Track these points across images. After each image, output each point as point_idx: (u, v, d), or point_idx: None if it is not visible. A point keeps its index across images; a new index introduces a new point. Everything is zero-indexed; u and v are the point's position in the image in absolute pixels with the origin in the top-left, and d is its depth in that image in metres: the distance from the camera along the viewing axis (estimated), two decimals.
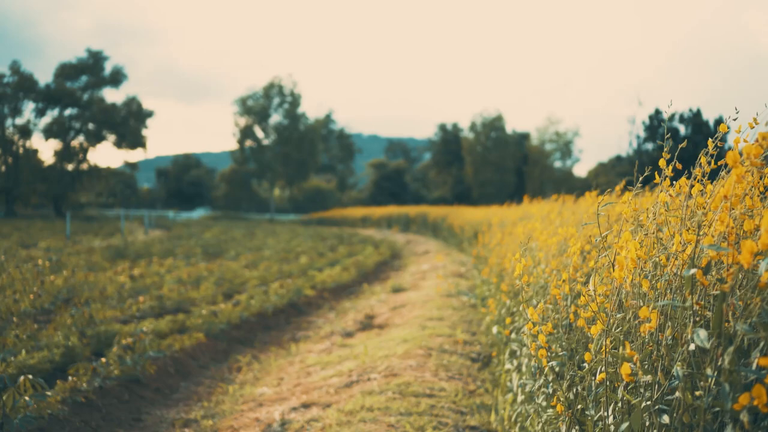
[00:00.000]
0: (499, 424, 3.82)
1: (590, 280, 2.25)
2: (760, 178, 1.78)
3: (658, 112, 39.15)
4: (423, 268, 12.94)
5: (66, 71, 43.80)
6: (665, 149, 2.10)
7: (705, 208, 1.77)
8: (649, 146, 38.83)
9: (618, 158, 42.83)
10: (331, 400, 4.50)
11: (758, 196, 1.78)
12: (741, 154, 1.67)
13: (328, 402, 4.48)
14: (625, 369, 1.70)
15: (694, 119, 37.93)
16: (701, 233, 1.71)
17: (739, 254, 1.47)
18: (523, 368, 3.54)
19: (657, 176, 2.11)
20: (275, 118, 55.56)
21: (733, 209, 1.65)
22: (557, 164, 54.73)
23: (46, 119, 43.40)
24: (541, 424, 2.64)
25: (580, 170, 55.44)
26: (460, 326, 6.52)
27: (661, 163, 2.07)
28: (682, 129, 38.05)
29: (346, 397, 4.48)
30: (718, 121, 37.55)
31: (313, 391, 4.86)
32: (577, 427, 2.22)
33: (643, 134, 39.57)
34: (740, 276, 1.59)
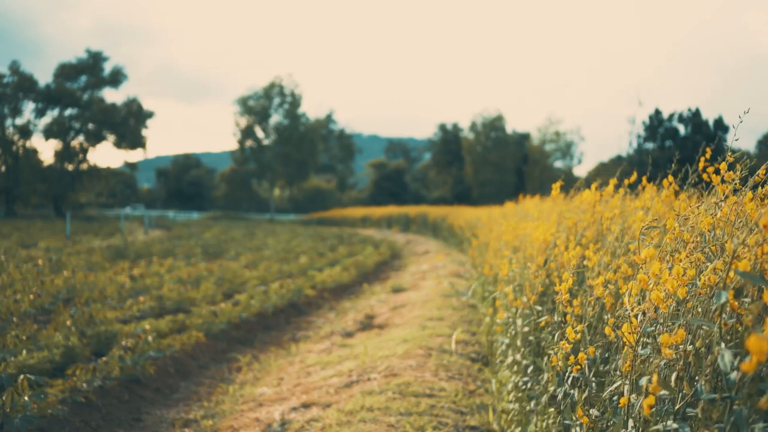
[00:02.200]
0: (498, 424, 3.82)
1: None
2: None
3: (658, 112, 39.15)
4: (423, 268, 12.94)
5: (66, 71, 43.81)
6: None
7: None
8: (649, 146, 38.83)
9: (618, 158, 42.84)
10: (331, 400, 4.50)
11: None
12: None
13: (328, 402, 4.48)
14: (650, 401, 1.63)
15: (694, 119, 37.92)
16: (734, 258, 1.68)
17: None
18: (513, 367, 3.54)
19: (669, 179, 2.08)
20: (275, 118, 55.62)
21: None
22: (558, 164, 54.78)
23: (46, 119, 43.48)
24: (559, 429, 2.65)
25: (581, 170, 55.43)
26: (460, 326, 6.52)
27: (715, 179, 1.98)
28: (681, 129, 38.05)
29: (346, 397, 4.47)
30: (718, 121, 37.58)
31: (313, 391, 4.86)
32: None
33: (643, 134, 39.59)
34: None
